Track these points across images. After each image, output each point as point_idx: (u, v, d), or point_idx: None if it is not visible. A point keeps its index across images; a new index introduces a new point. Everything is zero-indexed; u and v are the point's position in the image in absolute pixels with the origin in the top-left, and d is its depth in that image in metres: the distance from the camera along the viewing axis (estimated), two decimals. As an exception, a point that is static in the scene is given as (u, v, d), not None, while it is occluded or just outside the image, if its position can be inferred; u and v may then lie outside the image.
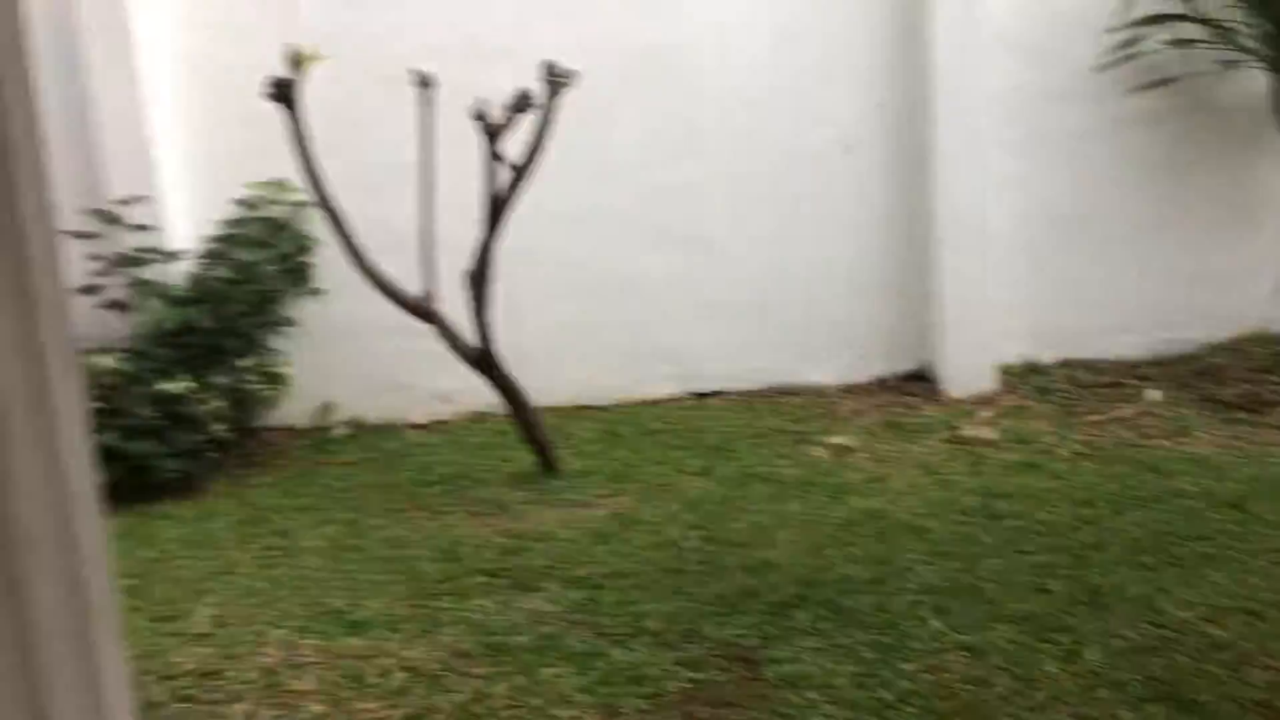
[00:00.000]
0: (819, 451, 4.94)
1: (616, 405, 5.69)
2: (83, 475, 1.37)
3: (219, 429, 5.07)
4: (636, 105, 5.53)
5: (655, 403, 5.70)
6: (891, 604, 3.48)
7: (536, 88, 4.42)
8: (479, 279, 4.54)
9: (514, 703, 3.05)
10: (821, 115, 5.59)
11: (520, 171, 4.39)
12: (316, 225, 5.02)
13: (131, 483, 4.73)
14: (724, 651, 3.28)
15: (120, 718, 1.42)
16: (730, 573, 3.78)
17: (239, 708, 3.09)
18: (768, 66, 5.54)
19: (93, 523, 1.38)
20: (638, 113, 5.54)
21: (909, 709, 2.93)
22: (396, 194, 4.85)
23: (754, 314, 5.73)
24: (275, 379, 5.42)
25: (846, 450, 4.93)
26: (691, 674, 3.16)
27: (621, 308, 5.69)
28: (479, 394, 5.00)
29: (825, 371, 5.75)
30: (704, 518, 4.28)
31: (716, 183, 5.62)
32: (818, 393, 5.68)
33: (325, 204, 4.55)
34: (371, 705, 3.08)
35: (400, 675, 3.22)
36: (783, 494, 4.48)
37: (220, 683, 3.23)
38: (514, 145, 4.46)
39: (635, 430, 5.36)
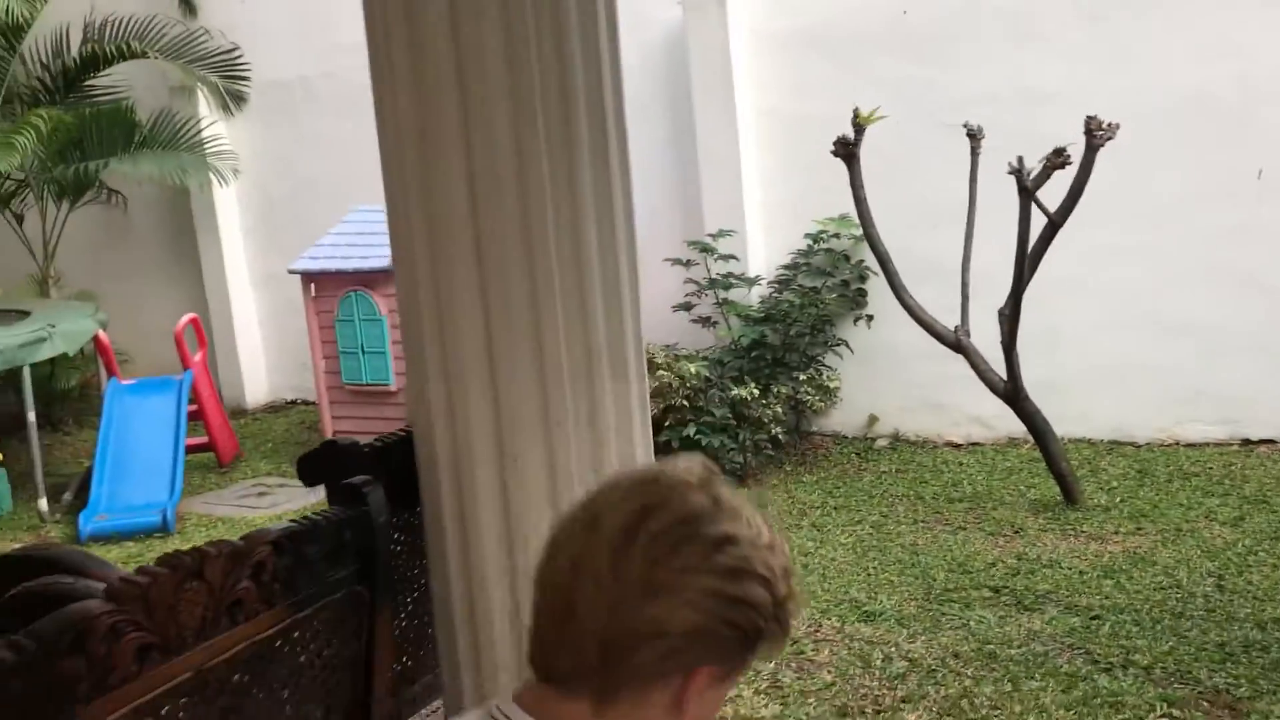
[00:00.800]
0: (1373, 515, 4.66)
1: (1153, 444, 5.71)
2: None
3: (777, 431, 5.92)
4: (1194, 145, 5.48)
5: (1194, 446, 5.64)
6: None
7: (1082, 136, 4.65)
8: (1010, 319, 4.90)
9: (996, 706, 3.45)
10: None
11: (1054, 223, 4.68)
12: (872, 257, 5.64)
13: (704, 470, 5.70)
14: (1211, 697, 3.41)
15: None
16: (1237, 623, 3.83)
17: (769, 665, 3.82)
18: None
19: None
20: (1196, 152, 5.48)
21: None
22: (942, 229, 5.32)
23: (1316, 363, 5.44)
24: (826, 391, 6.20)
25: None
26: (1173, 711, 3.35)
27: (1165, 346, 5.66)
28: (1014, 421, 5.31)
29: (1400, 429, 5.31)
30: (1222, 566, 4.30)
31: (1280, 226, 5.41)
32: (1388, 451, 5.27)
33: (874, 243, 5.19)
34: (872, 684, 3.65)
35: (901, 663, 3.76)
36: (1318, 554, 4.34)
37: (756, 643, 3.98)
38: (1055, 189, 4.74)
39: (1168, 471, 5.37)
